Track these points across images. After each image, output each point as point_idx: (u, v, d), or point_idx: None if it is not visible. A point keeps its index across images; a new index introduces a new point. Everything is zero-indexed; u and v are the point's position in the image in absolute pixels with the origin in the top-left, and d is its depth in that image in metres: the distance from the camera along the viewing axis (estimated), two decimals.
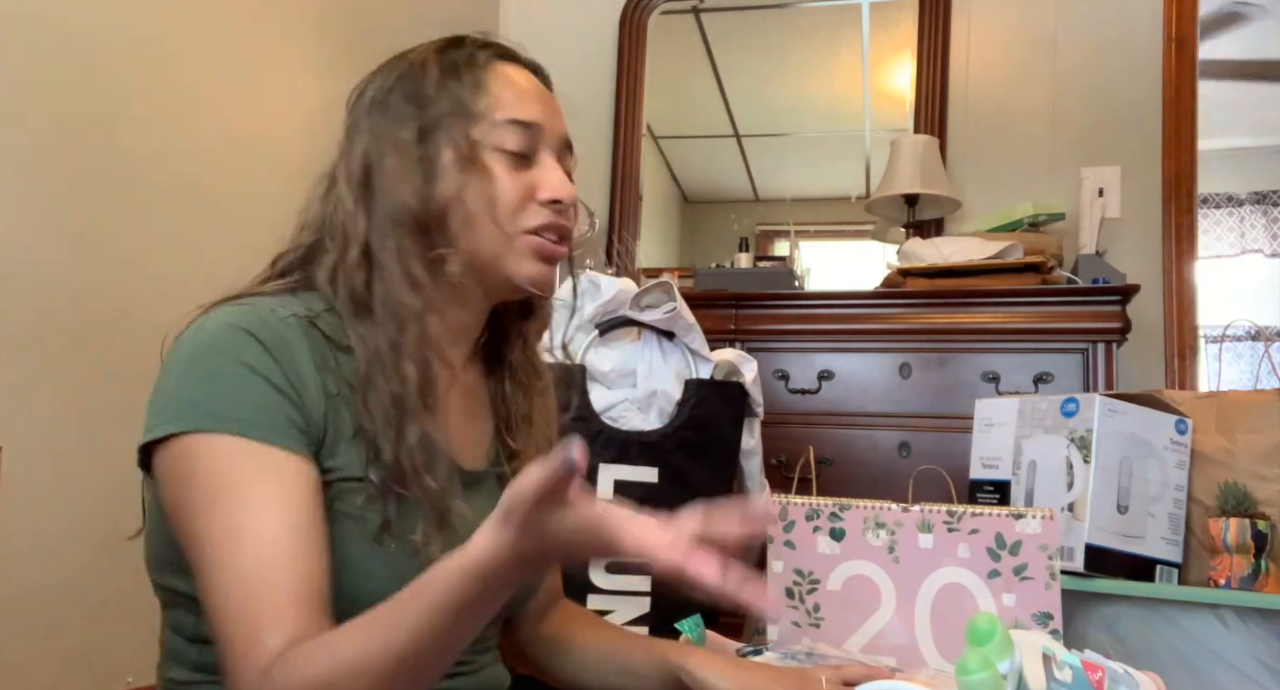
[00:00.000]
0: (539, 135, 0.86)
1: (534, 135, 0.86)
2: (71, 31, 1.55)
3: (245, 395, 0.74)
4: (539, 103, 0.88)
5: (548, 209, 0.85)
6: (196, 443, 0.73)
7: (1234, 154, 2.53)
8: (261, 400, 0.74)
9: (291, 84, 2.05)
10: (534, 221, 0.85)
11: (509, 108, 0.85)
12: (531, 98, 0.87)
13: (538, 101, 0.88)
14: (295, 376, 0.76)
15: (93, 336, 1.56)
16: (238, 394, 0.74)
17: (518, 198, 0.84)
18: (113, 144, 1.62)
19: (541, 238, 0.85)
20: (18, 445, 1.28)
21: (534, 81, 0.90)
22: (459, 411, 0.89)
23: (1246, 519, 1.34)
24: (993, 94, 2.64)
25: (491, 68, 0.87)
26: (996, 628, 0.64)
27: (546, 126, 0.87)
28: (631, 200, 2.84)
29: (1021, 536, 1.10)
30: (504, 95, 0.86)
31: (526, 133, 0.85)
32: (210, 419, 0.73)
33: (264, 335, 0.76)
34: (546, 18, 3.00)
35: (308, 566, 0.71)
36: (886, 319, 2.16)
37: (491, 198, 0.83)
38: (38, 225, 1.49)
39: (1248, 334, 2.33)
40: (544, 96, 0.90)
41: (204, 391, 0.74)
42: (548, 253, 0.86)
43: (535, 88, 0.89)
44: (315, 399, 0.77)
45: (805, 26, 2.89)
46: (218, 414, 0.73)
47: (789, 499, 1.22)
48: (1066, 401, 1.43)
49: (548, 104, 0.89)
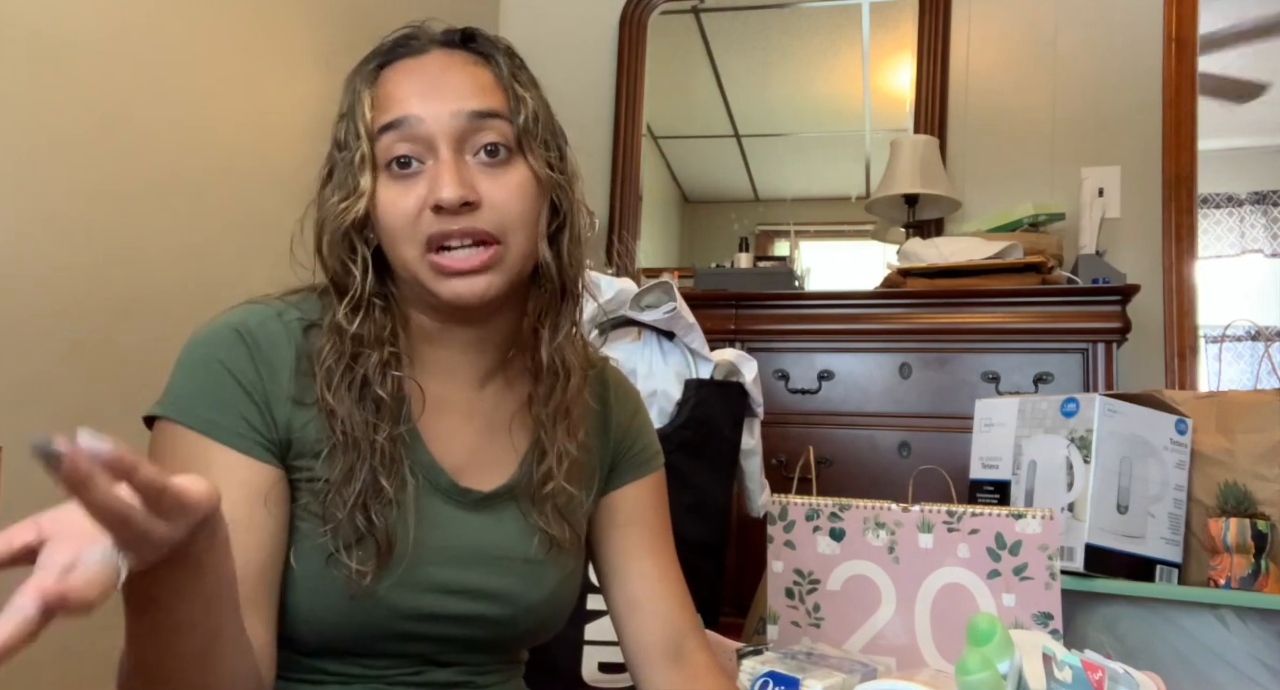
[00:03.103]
0: (419, 129, 0.75)
1: (414, 131, 0.75)
2: (72, 33, 1.55)
3: (213, 393, 0.76)
4: (416, 94, 0.76)
5: (439, 217, 0.74)
6: (164, 428, 0.77)
7: (1234, 154, 2.53)
8: (227, 400, 0.76)
9: (292, 84, 2.05)
10: (423, 236, 0.75)
11: (382, 112, 0.76)
12: (406, 92, 0.76)
13: (416, 92, 0.76)
14: (270, 380, 0.78)
15: (93, 336, 1.56)
16: (207, 391, 0.76)
17: (412, 213, 0.75)
18: (114, 145, 1.62)
19: (437, 254, 0.75)
20: (18, 445, 1.28)
21: (425, 66, 0.79)
22: (474, 433, 0.84)
23: (1246, 519, 1.34)
24: (993, 94, 2.64)
25: (375, 80, 0.79)
26: (996, 628, 0.64)
27: (425, 114, 0.75)
28: (631, 200, 2.84)
29: (1021, 536, 1.10)
30: (382, 103, 0.77)
31: (402, 133, 0.75)
32: (179, 410, 0.76)
33: (252, 337, 0.78)
34: (546, 17, 3.00)
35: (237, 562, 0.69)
36: (886, 319, 2.16)
37: (382, 221, 0.76)
38: (37, 225, 1.49)
39: (1248, 334, 2.33)
40: (430, 79, 0.77)
41: (184, 383, 0.77)
42: (448, 268, 0.75)
43: (418, 76, 0.78)
44: (282, 405, 0.78)
45: (805, 26, 2.89)
46: (186, 408, 0.76)
47: (789, 499, 1.22)
48: (1066, 401, 1.43)
49: (434, 86, 0.77)
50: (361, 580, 0.75)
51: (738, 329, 2.23)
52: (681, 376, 1.48)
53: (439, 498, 0.82)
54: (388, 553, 0.77)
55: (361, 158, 0.76)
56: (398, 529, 0.78)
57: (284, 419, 0.78)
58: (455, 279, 0.75)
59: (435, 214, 0.74)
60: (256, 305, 0.81)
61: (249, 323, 0.78)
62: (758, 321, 2.23)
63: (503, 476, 0.85)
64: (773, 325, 2.22)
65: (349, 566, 0.75)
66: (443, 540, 0.81)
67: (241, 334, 0.78)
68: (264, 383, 0.77)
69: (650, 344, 1.50)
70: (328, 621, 0.77)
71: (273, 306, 0.81)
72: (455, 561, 0.81)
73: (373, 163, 0.76)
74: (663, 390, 1.47)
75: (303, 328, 0.80)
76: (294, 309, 0.81)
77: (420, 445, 0.81)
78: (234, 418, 0.76)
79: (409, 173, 0.76)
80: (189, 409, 0.76)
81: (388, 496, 0.77)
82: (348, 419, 0.77)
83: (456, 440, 0.84)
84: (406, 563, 0.78)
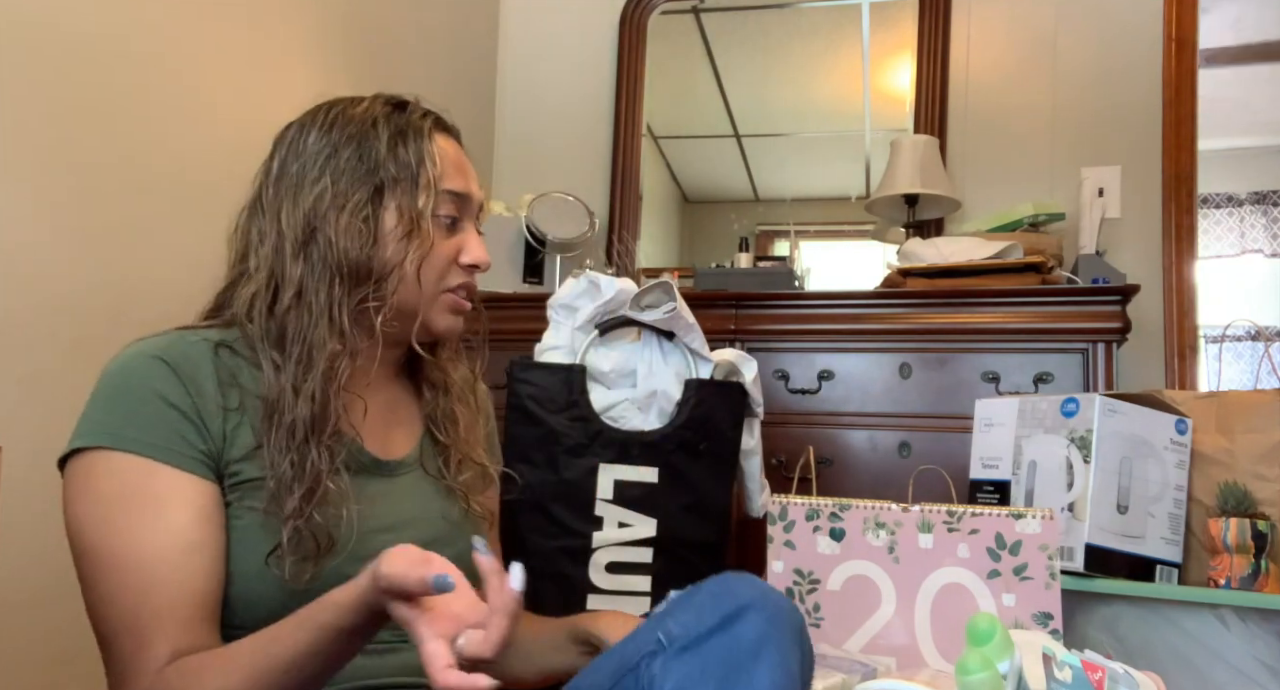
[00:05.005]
0: (468, 204, 0.98)
1: (464, 204, 0.98)
2: (71, 32, 1.55)
3: (146, 417, 0.80)
4: (467, 174, 0.99)
5: (465, 271, 0.98)
6: (96, 459, 0.79)
7: (1234, 154, 2.53)
8: (162, 421, 0.80)
9: (291, 84, 2.05)
10: (454, 282, 0.97)
11: (447, 179, 0.96)
12: (463, 169, 0.99)
13: (467, 172, 0.99)
14: (198, 396, 0.82)
15: (93, 336, 1.56)
16: (139, 416, 0.80)
17: (446, 261, 0.96)
18: (113, 144, 1.62)
19: (457, 295, 0.98)
20: (18, 445, 1.28)
21: (460, 151, 1.01)
22: (379, 420, 0.98)
23: (1246, 519, 1.34)
24: (993, 94, 2.64)
25: (433, 137, 0.97)
26: (996, 628, 0.64)
27: (473, 196, 0.99)
28: (631, 200, 2.84)
29: (1021, 536, 1.10)
30: (444, 166, 0.96)
31: (459, 202, 0.97)
32: (111, 436, 0.79)
33: (170, 358, 0.83)
34: (546, 18, 3.00)
35: (193, 584, 0.77)
36: (886, 319, 2.16)
37: (427, 261, 0.93)
38: (37, 225, 1.49)
39: (1248, 334, 2.33)
40: (469, 167, 1.01)
41: (109, 412, 0.81)
42: (462, 308, 0.99)
43: (463, 158, 1.00)
44: (214, 415, 0.83)
45: (805, 26, 2.89)
46: (118, 433, 0.79)
47: (789, 499, 1.22)
48: (1066, 401, 1.43)
49: (472, 174, 1.00)
50: (301, 577, 0.80)
51: (738, 329, 2.22)
52: (681, 376, 1.48)
53: (364, 475, 0.92)
54: (329, 549, 0.82)
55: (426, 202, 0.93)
56: (340, 518, 0.84)
57: (218, 430, 0.83)
58: (454, 316, 0.99)
59: (465, 269, 0.98)
60: (157, 337, 0.87)
61: (163, 348, 0.84)
62: (758, 321, 2.23)
63: (405, 451, 0.99)
64: (773, 325, 2.22)
65: (288, 567, 0.81)
66: (372, 512, 0.89)
67: (162, 359, 0.83)
68: (194, 400, 0.82)
69: (650, 344, 1.50)
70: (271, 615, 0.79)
71: (171, 334, 0.88)
72: (388, 528, 0.90)
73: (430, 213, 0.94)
74: (663, 390, 1.47)
75: (211, 346, 0.87)
76: (194, 334, 0.88)
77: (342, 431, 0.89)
78: (173, 438, 0.80)
79: (452, 230, 0.97)
80: (123, 435, 0.79)
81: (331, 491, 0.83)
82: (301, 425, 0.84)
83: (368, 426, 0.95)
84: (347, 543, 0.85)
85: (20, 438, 1.36)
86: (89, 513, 0.78)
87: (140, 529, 0.77)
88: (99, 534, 0.77)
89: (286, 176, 0.93)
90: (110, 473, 0.78)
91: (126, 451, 0.78)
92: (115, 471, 0.78)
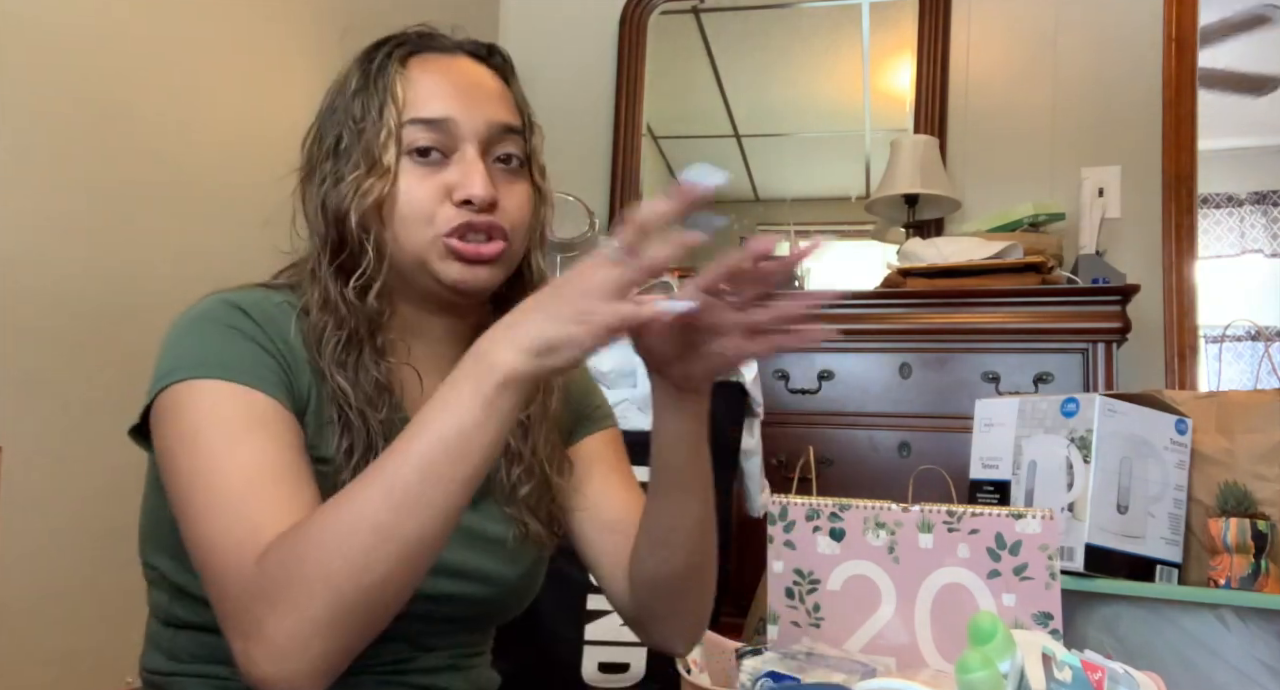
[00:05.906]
0: (452, 129, 0.80)
1: (445, 131, 0.80)
2: (72, 31, 1.55)
3: (231, 348, 0.74)
4: (453, 96, 0.82)
5: (463, 210, 0.79)
6: (181, 390, 0.73)
7: (1234, 154, 2.53)
8: (248, 353, 0.75)
9: (291, 83, 2.05)
10: (448, 225, 0.79)
11: (415, 106, 0.80)
12: (444, 92, 0.82)
13: (452, 94, 0.82)
14: (285, 346, 0.77)
15: (93, 336, 1.56)
16: (223, 347, 0.74)
17: (431, 201, 0.80)
18: (113, 143, 1.62)
19: (459, 240, 0.79)
20: (18, 445, 1.28)
21: (457, 69, 0.84)
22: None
23: (1246, 519, 1.34)
24: (993, 94, 2.64)
25: (404, 67, 0.83)
26: (998, 627, 0.64)
27: (460, 118, 0.81)
28: (631, 200, 2.84)
29: (1021, 536, 1.10)
30: (413, 95, 0.81)
31: (435, 129, 0.80)
32: (196, 367, 0.73)
33: (254, 311, 0.77)
34: (546, 17, 3.00)
35: (293, 493, 0.70)
36: (886, 319, 2.16)
37: (401, 206, 0.79)
38: (38, 224, 1.49)
39: (1248, 334, 2.33)
40: (465, 84, 0.83)
41: (190, 348, 0.75)
42: (466, 254, 0.80)
43: (454, 77, 0.83)
44: (302, 370, 0.77)
45: (805, 26, 2.89)
46: (203, 362, 0.73)
47: (789, 499, 1.22)
48: (1066, 401, 1.43)
49: (469, 92, 0.82)
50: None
51: None
52: None
53: None
54: None
55: (386, 138, 0.79)
56: None
57: (304, 384, 0.77)
58: (464, 265, 0.80)
59: (458, 206, 0.79)
60: (233, 291, 0.80)
61: (240, 300, 0.78)
62: None
63: None
64: None
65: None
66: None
67: (241, 308, 0.77)
68: (277, 345, 0.76)
69: None
70: None
71: (251, 291, 0.81)
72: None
73: (398, 147, 0.80)
74: None
75: (294, 308, 0.80)
76: (276, 293, 0.82)
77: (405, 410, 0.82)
78: (265, 371, 0.74)
79: (429, 162, 0.80)
80: (213, 364, 0.73)
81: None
82: (349, 396, 0.77)
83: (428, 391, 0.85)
84: None
85: (20, 438, 1.35)
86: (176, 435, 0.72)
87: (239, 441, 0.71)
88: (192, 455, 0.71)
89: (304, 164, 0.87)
90: (200, 396, 0.72)
91: (215, 379, 0.72)
92: (206, 395, 0.72)
